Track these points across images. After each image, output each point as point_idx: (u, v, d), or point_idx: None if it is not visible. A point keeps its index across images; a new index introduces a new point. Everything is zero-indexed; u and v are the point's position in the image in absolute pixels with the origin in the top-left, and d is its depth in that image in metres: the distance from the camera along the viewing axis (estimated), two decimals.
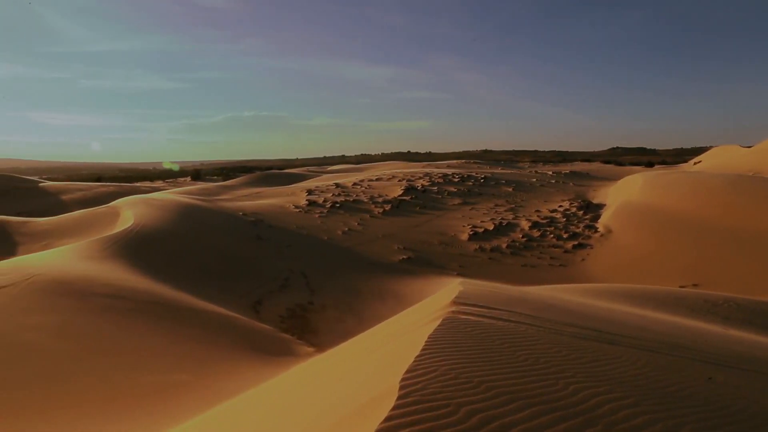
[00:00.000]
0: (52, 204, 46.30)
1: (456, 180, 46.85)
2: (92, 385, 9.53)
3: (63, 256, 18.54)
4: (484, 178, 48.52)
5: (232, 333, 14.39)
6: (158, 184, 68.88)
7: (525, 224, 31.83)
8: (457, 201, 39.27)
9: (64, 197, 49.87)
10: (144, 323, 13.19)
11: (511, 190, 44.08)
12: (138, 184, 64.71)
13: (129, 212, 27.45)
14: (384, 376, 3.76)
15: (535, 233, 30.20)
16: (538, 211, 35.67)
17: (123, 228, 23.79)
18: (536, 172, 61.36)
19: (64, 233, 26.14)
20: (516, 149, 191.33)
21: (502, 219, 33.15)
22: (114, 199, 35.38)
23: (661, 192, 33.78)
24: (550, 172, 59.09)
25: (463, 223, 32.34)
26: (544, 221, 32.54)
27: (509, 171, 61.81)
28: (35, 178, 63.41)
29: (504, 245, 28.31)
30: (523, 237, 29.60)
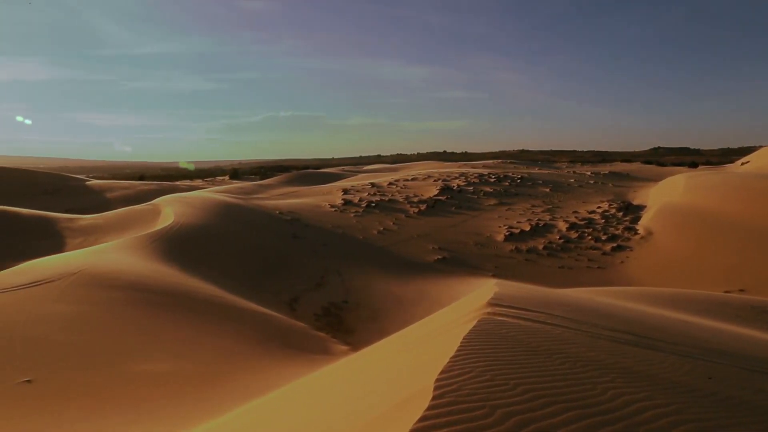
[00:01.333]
0: (98, 201, 47.85)
1: (492, 180, 46.42)
2: (134, 371, 9.81)
3: (107, 252, 19.13)
4: (521, 178, 47.93)
5: (269, 330, 14.60)
6: (197, 182, 70.37)
7: (562, 225, 31.32)
8: (493, 201, 38.91)
9: (108, 195, 51.46)
10: (183, 317, 13.50)
11: (548, 190, 43.43)
12: (178, 182, 66.23)
13: (169, 210, 28.14)
14: (419, 375, 3.76)
15: (573, 234, 29.68)
16: (575, 212, 35.04)
17: (164, 225, 24.39)
18: (574, 172, 60.27)
19: (109, 230, 26.96)
20: (554, 149, 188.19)
21: (539, 220, 32.70)
22: (155, 197, 36.32)
23: (705, 193, 32.73)
24: (589, 173, 57.96)
25: (498, 224, 32.03)
26: (582, 222, 31.94)
27: (546, 171, 60.89)
28: (82, 177, 65.64)
29: (540, 246, 27.92)
30: (560, 238, 29.13)
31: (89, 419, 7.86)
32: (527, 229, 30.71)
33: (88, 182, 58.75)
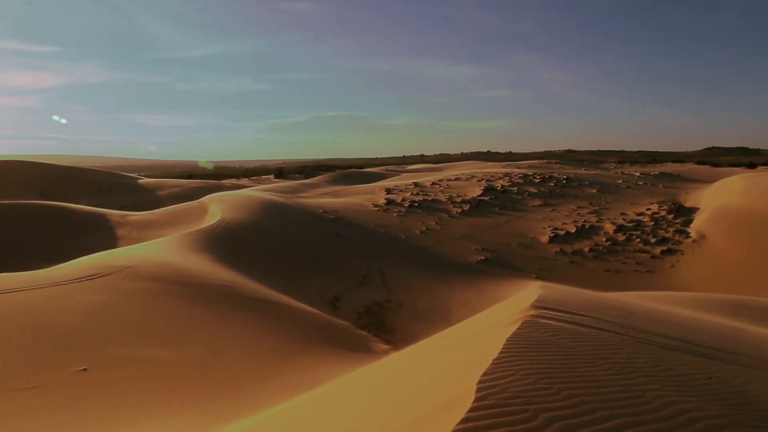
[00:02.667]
0: (149, 199, 49.50)
1: (537, 180, 45.68)
2: (180, 364, 10.11)
3: (157, 248, 19.76)
4: (567, 178, 46.98)
5: (311, 327, 14.79)
6: (243, 181, 71.81)
7: (609, 227, 30.53)
8: (537, 202, 38.28)
9: (159, 193, 53.16)
10: (229, 313, 13.82)
11: (594, 191, 42.42)
12: (225, 181, 67.74)
13: (216, 208, 28.84)
14: (461, 377, 3.74)
15: (620, 237, 28.91)
16: (623, 213, 34.11)
17: (211, 222, 25.02)
18: (622, 173, 58.68)
19: (159, 226, 27.85)
20: (601, 149, 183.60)
21: (585, 221, 31.98)
22: (203, 195, 37.28)
23: (763, 195, 31.31)
24: (638, 174, 56.33)
25: (543, 225, 31.50)
26: (630, 225, 31.07)
27: (593, 172, 59.50)
28: (135, 175, 68.04)
29: (586, 249, 27.31)
30: (607, 241, 28.42)
31: (140, 407, 8.14)
32: (573, 230, 30.09)
33: (140, 180, 60.86)
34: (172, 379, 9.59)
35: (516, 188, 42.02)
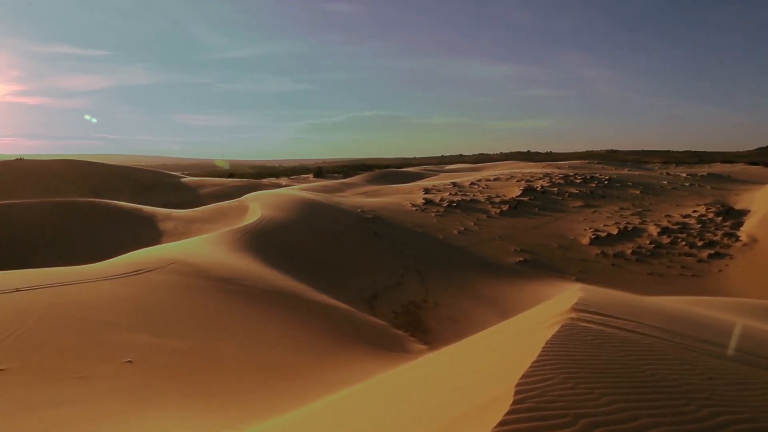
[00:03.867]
0: (192, 197, 50.71)
1: (578, 181, 44.83)
2: (221, 358, 10.35)
3: (199, 245, 20.24)
4: (609, 179, 45.93)
5: (348, 325, 14.90)
6: (283, 180, 72.80)
7: (653, 230, 29.72)
8: (578, 203, 37.57)
9: (201, 191, 54.38)
10: (268, 309, 14.05)
11: (638, 192, 41.35)
12: (265, 180, 68.81)
13: (256, 206, 29.34)
14: (499, 379, 3.71)
15: (665, 240, 28.09)
16: (668, 215, 33.14)
17: (251, 221, 25.47)
18: (668, 174, 57.00)
19: (201, 223, 28.50)
20: (645, 149, 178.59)
21: (628, 223, 31.21)
22: (243, 194, 37.96)
23: None
24: (684, 174, 54.62)
25: (584, 227, 30.89)
26: (676, 227, 30.16)
27: (637, 172, 57.97)
28: (178, 174, 69.83)
29: (629, 251, 26.64)
30: (650, 243, 27.67)
31: (182, 399, 8.36)
32: (615, 232, 29.41)
33: (183, 179, 62.44)
34: (214, 372, 9.81)
35: (556, 189, 41.33)
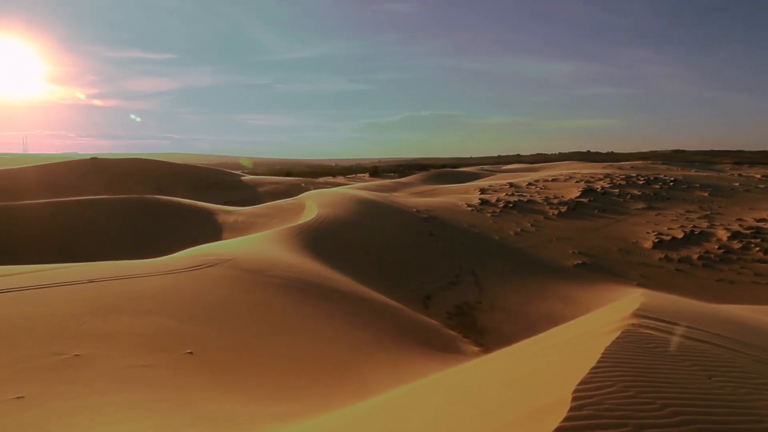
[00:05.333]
0: (251, 195, 52.10)
1: (641, 182, 43.24)
2: (278, 353, 10.58)
3: (258, 242, 20.77)
4: (674, 180, 44.06)
5: (402, 325, 14.92)
6: (339, 179, 73.69)
7: (723, 234, 28.28)
8: (641, 205, 36.24)
9: (260, 189, 55.79)
10: (323, 306, 14.26)
11: (706, 194, 39.47)
12: (321, 179, 69.87)
13: (313, 205, 29.83)
14: (555, 384, 3.63)
15: (736, 245, 26.68)
16: (740, 219, 31.45)
17: (307, 219, 25.91)
18: (740, 175, 54.12)
19: (259, 221, 29.23)
20: (714, 149, 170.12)
21: (694, 227, 29.83)
22: (300, 193, 38.67)
23: None
24: (758, 176, 51.70)
25: (647, 230, 29.76)
26: (749, 232, 28.58)
27: (705, 174, 55.34)
28: (238, 173, 71.92)
29: (695, 256, 25.48)
30: (719, 248, 26.35)
31: (238, 393, 8.61)
32: (680, 236, 28.19)
33: (242, 177, 64.26)
34: (270, 367, 10.05)
35: (617, 190, 40.01)
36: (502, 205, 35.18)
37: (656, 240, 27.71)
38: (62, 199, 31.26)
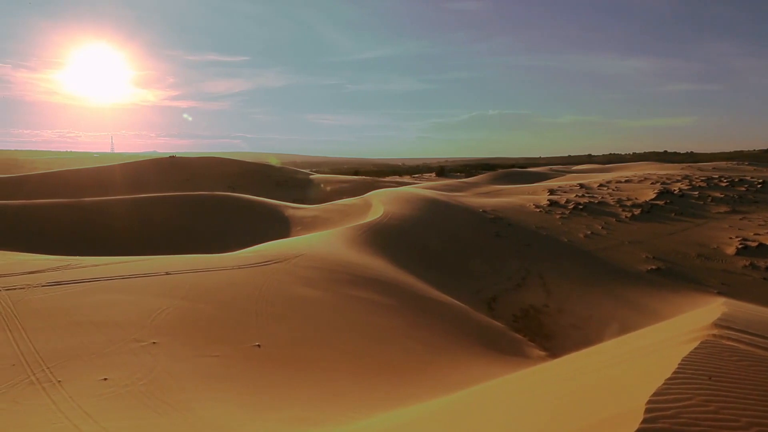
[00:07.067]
0: (319, 193, 53.16)
1: (724, 184, 40.81)
2: (342, 349, 10.74)
3: (325, 239, 21.15)
4: (763, 182, 41.28)
5: (467, 326, 14.78)
6: (406, 179, 73.87)
7: None
8: (723, 209, 34.21)
9: (328, 188, 56.82)
10: (387, 304, 14.33)
11: None
12: (387, 178, 70.27)
13: (379, 204, 30.04)
14: (627, 394, 3.49)
15: None
16: None
17: (374, 218, 26.13)
18: None
19: (326, 219, 29.76)
20: None
21: None
22: (367, 191, 39.06)
23: None
24: None
25: (729, 235, 28.05)
26: None
27: None
28: (307, 171, 73.59)
29: None
30: None
31: (301, 386, 8.80)
32: None
33: (312, 176, 65.70)
34: (334, 364, 10.21)
35: (697, 192, 37.95)
36: (571, 206, 34.16)
37: (740, 246, 26.08)
38: (140, 195, 33.05)
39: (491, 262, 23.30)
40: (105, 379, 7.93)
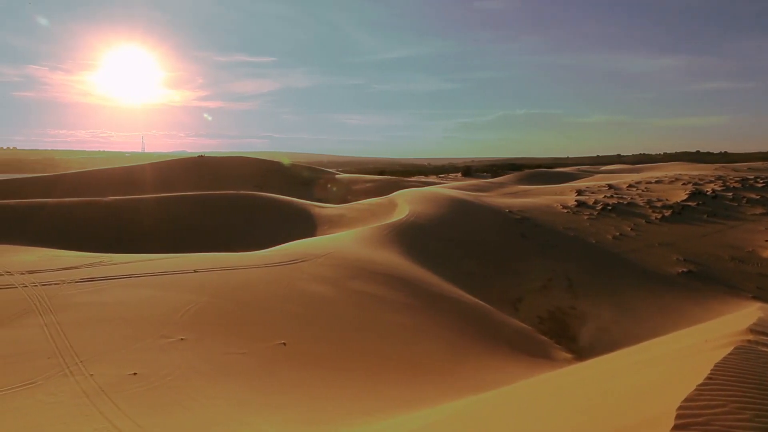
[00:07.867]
0: (344, 193, 53.36)
1: (759, 185, 39.72)
2: (365, 349, 10.78)
3: (350, 239, 21.23)
4: None
5: (492, 327, 14.68)
6: (432, 178, 73.67)
7: None
8: (758, 210, 33.30)
9: (353, 187, 57.00)
10: (410, 303, 14.33)
11: None
12: (413, 178, 70.14)
13: (405, 204, 30.02)
14: (657, 399, 3.43)
15: None
16: None
17: (399, 218, 26.13)
18: None
19: (351, 219, 29.86)
20: None
21: None
22: (392, 191, 39.05)
23: None
24: None
25: (765, 237, 27.29)
26: None
27: None
28: (333, 171, 73.94)
29: None
30: None
31: (324, 384, 8.86)
32: None
33: (337, 175, 65.98)
34: (358, 362, 10.24)
35: (731, 193, 37.01)
36: (599, 207, 33.64)
37: None
38: (169, 194, 33.63)
39: (517, 262, 23.09)
40: (134, 373, 8.11)
